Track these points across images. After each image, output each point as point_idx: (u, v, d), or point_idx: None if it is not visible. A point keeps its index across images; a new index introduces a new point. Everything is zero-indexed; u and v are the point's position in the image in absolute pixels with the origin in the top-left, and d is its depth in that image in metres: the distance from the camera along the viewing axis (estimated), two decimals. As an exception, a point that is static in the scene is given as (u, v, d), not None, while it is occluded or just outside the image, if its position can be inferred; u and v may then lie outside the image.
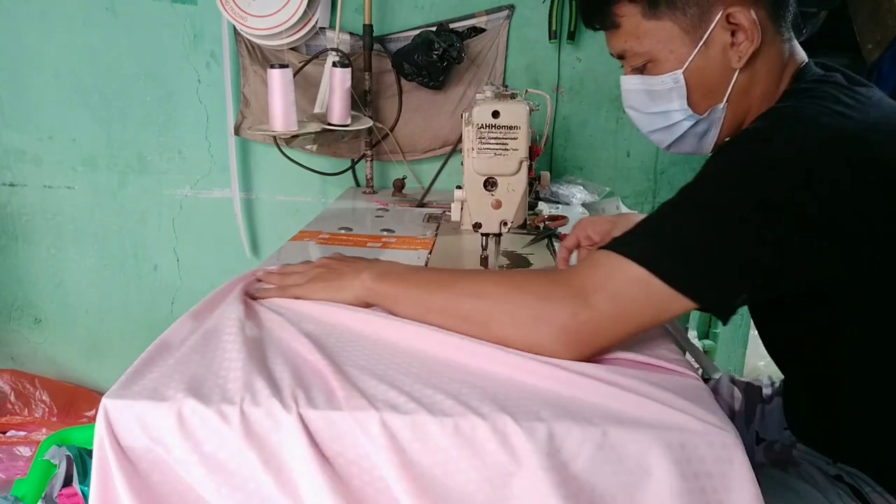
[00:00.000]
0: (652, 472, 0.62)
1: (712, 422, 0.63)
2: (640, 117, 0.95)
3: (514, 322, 0.74)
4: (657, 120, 0.92)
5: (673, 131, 0.92)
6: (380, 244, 1.27)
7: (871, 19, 1.78)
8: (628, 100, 0.95)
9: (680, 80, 0.86)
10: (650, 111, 0.91)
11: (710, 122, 0.89)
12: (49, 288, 2.19)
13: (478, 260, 1.09)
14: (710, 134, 0.91)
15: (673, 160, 2.01)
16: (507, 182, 0.99)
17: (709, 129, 0.90)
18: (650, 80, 0.88)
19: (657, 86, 0.88)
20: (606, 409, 0.66)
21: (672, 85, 0.87)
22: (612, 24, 0.88)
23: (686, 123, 0.90)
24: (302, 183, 2.04)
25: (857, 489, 0.86)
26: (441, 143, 1.97)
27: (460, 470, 0.63)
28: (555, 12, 1.86)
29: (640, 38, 0.86)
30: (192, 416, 0.63)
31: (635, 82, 0.91)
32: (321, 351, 0.74)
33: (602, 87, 1.96)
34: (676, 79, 0.86)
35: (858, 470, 0.87)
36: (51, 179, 2.10)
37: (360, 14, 1.83)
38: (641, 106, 0.92)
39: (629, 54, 0.89)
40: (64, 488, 1.37)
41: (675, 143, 0.94)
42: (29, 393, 2.14)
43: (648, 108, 0.91)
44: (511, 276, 0.83)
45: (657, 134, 0.94)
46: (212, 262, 2.14)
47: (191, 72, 1.99)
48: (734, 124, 0.89)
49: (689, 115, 0.88)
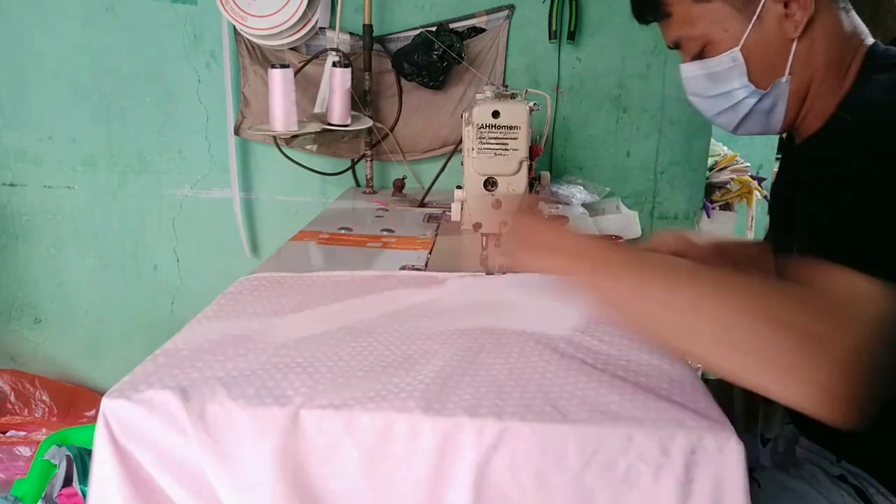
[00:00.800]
0: (646, 471, 0.62)
1: (710, 418, 0.63)
2: (703, 102, 0.94)
3: (768, 376, 0.57)
4: (721, 101, 0.91)
5: (738, 111, 0.91)
6: (380, 244, 1.27)
7: (871, 19, 1.78)
8: (690, 87, 0.94)
9: (738, 58, 0.85)
10: (712, 94, 0.91)
11: (775, 97, 0.88)
12: (49, 288, 2.19)
13: (478, 260, 1.09)
14: (778, 110, 0.90)
15: (673, 160, 2.01)
16: (507, 182, 0.99)
17: (775, 105, 0.89)
18: (708, 63, 0.88)
19: (716, 67, 0.88)
20: (602, 408, 0.66)
21: (731, 64, 0.86)
22: (663, 13, 0.88)
23: (750, 101, 0.89)
24: (302, 183, 2.04)
25: (862, 490, 0.85)
26: (441, 143, 1.96)
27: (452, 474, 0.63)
28: (555, 12, 1.86)
29: (692, 22, 0.86)
30: (193, 417, 0.63)
31: (694, 68, 0.91)
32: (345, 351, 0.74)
33: (602, 87, 1.96)
34: (734, 57, 0.86)
35: (863, 470, 0.87)
36: (51, 179, 2.10)
37: (360, 14, 1.83)
38: (703, 90, 0.92)
39: (685, 41, 0.89)
40: (64, 488, 1.37)
41: (742, 124, 0.93)
42: (29, 393, 2.14)
43: (710, 92, 0.91)
44: (761, 301, 0.60)
45: (723, 116, 0.93)
46: (212, 262, 2.14)
47: (191, 72, 1.99)
48: (799, 97, 0.88)
49: (753, 92, 0.88)
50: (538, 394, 0.68)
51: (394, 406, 0.64)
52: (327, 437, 0.64)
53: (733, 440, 0.61)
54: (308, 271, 1.04)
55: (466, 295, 0.96)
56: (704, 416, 0.64)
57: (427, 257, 1.19)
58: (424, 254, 1.21)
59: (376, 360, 0.74)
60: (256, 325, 0.82)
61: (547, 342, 0.79)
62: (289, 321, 0.84)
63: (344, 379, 0.69)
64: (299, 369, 0.71)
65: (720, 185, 2.15)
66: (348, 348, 0.77)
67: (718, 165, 2.16)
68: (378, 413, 0.63)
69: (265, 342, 0.78)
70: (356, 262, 1.15)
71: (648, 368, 0.74)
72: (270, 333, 0.80)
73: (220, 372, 0.70)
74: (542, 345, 0.79)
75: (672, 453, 0.61)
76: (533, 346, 0.79)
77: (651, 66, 1.93)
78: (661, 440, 0.62)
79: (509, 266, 0.90)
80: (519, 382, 0.70)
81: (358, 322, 0.85)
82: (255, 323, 0.83)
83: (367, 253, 1.21)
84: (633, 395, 0.67)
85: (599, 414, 0.64)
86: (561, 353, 0.77)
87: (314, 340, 0.78)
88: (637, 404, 0.66)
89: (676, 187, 2.04)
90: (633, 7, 0.94)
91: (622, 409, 0.65)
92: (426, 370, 0.72)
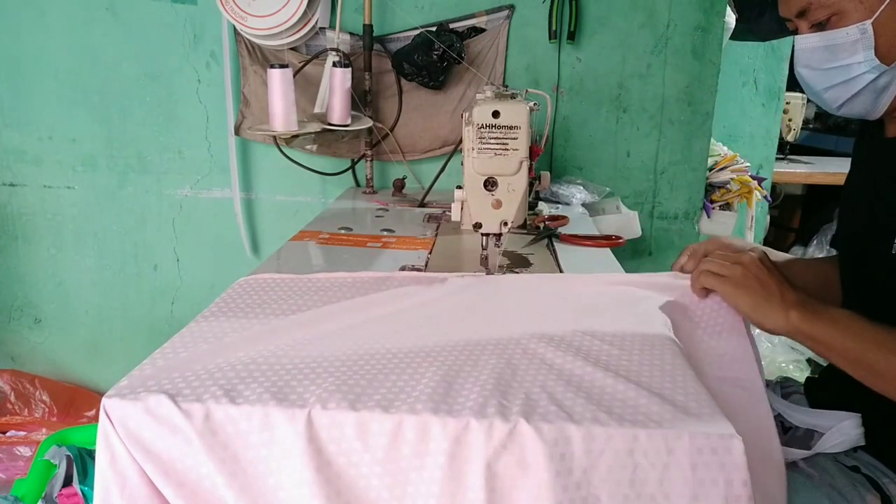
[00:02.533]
0: (652, 472, 0.62)
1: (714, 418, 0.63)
2: (815, 75, 0.92)
3: None
4: (836, 75, 0.90)
5: (851, 86, 0.90)
6: (380, 244, 1.27)
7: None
8: (803, 59, 0.92)
9: (868, 31, 0.84)
10: (829, 66, 0.89)
11: (893, 76, 0.87)
12: (49, 288, 2.19)
13: (478, 260, 1.09)
14: (890, 90, 0.89)
15: (672, 160, 2.01)
16: (507, 182, 0.99)
17: (889, 84, 0.88)
18: (832, 35, 0.87)
19: (840, 39, 0.86)
20: (608, 408, 0.66)
21: (858, 36, 0.85)
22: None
23: (868, 76, 0.88)
24: (302, 183, 2.04)
25: (875, 480, 0.85)
26: (441, 143, 1.96)
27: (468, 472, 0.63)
28: (555, 12, 1.86)
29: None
30: (194, 417, 0.63)
31: (814, 40, 0.89)
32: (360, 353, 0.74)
33: (602, 87, 1.96)
34: (864, 29, 0.85)
35: (878, 460, 0.87)
36: (51, 179, 2.10)
37: (360, 14, 1.83)
38: (818, 62, 0.90)
39: (814, 8, 0.87)
40: (64, 488, 1.36)
41: (849, 101, 0.92)
42: (29, 393, 2.14)
43: (827, 64, 0.89)
44: None
45: (833, 91, 0.92)
46: (212, 262, 2.14)
47: (191, 72, 1.99)
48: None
49: (875, 67, 0.87)
50: (543, 394, 0.68)
51: (402, 408, 0.64)
52: (335, 440, 0.63)
53: (737, 440, 0.61)
54: (308, 271, 1.04)
55: (467, 295, 0.96)
56: (708, 415, 0.64)
57: (427, 257, 1.19)
58: (424, 254, 1.21)
59: (379, 362, 0.74)
60: (257, 327, 0.82)
61: (549, 341, 0.79)
62: (290, 322, 0.84)
63: (353, 381, 0.69)
64: (301, 371, 0.71)
65: (720, 185, 2.14)
66: (349, 350, 0.77)
67: (718, 165, 2.15)
68: (388, 415, 0.63)
69: (265, 343, 0.78)
70: (356, 262, 1.15)
71: (651, 368, 0.74)
72: (271, 334, 0.80)
73: (220, 373, 0.70)
74: (544, 344, 0.79)
75: (678, 453, 0.61)
76: (535, 346, 0.79)
77: (651, 66, 1.93)
78: (667, 440, 0.62)
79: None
80: (523, 383, 0.70)
81: (358, 322, 0.85)
82: (256, 324, 0.83)
83: (367, 253, 1.21)
84: (638, 395, 0.67)
85: (605, 414, 0.64)
86: (563, 352, 0.77)
87: (316, 342, 0.78)
88: (642, 404, 0.66)
89: (676, 187, 2.04)
90: None
91: (627, 410, 0.65)
92: (430, 371, 0.72)
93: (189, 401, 0.64)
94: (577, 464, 0.62)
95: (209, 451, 0.63)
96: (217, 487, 0.63)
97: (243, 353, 0.75)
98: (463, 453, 0.62)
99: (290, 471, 0.63)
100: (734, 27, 2.02)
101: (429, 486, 0.62)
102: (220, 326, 0.82)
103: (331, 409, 0.64)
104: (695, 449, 0.62)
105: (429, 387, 0.68)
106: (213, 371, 0.70)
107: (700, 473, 0.61)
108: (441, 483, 0.62)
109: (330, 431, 0.63)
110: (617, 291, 0.97)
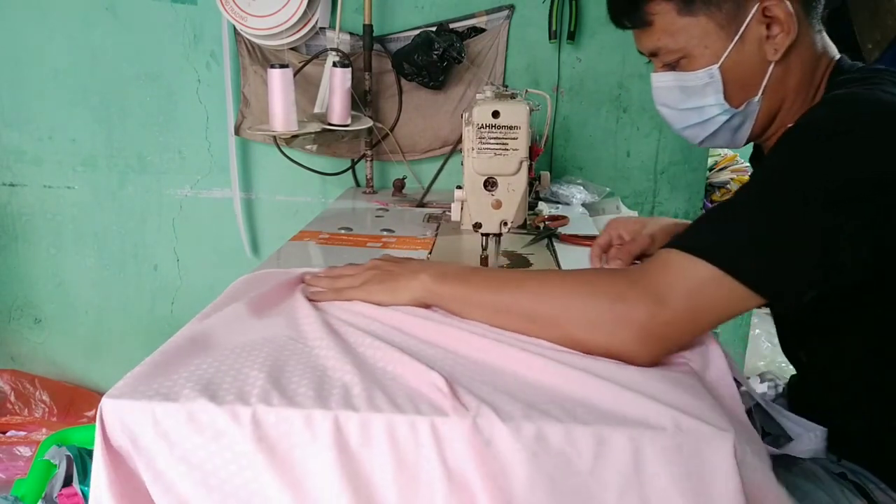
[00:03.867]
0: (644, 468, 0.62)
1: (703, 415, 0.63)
2: (672, 114, 0.94)
3: (589, 324, 0.73)
4: (691, 116, 0.91)
5: (707, 126, 0.91)
6: (380, 244, 1.27)
7: (870, 19, 1.79)
8: (660, 97, 0.94)
9: (716, 76, 0.85)
10: (684, 107, 0.90)
11: (745, 115, 0.89)
12: (49, 288, 2.19)
13: (478, 260, 1.09)
14: (745, 126, 0.90)
15: (673, 160, 2.01)
16: (507, 182, 0.99)
17: (744, 122, 0.90)
18: (684, 77, 0.88)
19: (692, 81, 0.87)
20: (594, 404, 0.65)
21: (707, 80, 0.86)
22: (644, 22, 0.87)
23: (721, 118, 0.89)
24: (302, 183, 2.04)
25: (862, 487, 0.86)
26: (441, 143, 1.97)
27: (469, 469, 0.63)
28: (555, 12, 1.86)
29: (674, 35, 0.86)
30: (195, 417, 0.63)
31: (668, 79, 0.90)
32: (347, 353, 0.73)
33: (602, 87, 1.96)
34: (712, 74, 0.85)
35: (863, 468, 0.87)
36: (51, 179, 2.10)
37: (360, 14, 1.83)
38: (674, 102, 0.91)
39: (662, 52, 0.88)
40: (64, 488, 1.36)
41: (708, 138, 0.93)
42: (29, 393, 2.14)
43: (682, 105, 0.90)
44: (579, 275, 0.80)
45: (691, 130, 0.93)
46: (212, 262, 2.14)
47: (191, 72, 1.99)
48: (769, 116, 0.89)
49: (725, 110, 0.88)
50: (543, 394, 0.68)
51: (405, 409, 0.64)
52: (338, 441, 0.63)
53: (729, 435, 0.61)
54: (308, 271, 1.04)
55: None
56: (698, 413, 0.64)
57: (427, 257, 1.19)
58: (424, 254, 1.21)
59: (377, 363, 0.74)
60: (257, 326, 0.82)
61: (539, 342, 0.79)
62: (290, 321, 0.84)
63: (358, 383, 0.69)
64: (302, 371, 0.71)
65: (720, 185, 2.15)
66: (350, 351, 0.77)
67: (718, 165, 2.16)
68: (394, 416, 0.63)
69: (266, 342, 0.77)
70: (356, 262, 1.14)
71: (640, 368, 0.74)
72: (272, 333, 0.80)
73: (220, 373, 0.69)
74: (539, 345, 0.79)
75: (670, 451, 0.61)
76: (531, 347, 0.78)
77: (651, 66, 1.92)
78: (658, 439, 0.62)
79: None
80: (522, 385, 0.70)
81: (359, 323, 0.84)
82: (256, 323, 0.83)
83: (367, 253, 1.21)
84: (629, 395, 0.67)
85: (599, 414, 0.64)
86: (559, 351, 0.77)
87: (317, 342, 0.78)
88: (634, 404, 0.66)
89: (676, 187, 2.04)
90: (610, 12, 0.92)
91: (618, 408, 0.65)
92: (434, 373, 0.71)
93: (188, 402, 0.64)
94: (573, 464, 0.62)
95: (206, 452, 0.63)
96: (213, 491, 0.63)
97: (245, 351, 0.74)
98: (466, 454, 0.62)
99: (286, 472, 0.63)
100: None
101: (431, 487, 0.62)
102: (220, 326, 0.81)
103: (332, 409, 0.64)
104: (687, 446, 0.61)
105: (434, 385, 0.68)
106: (213, 372, 0.70)
107: (691, 469, 0.61)
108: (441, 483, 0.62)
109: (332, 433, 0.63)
110: None
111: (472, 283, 0.81)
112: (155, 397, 0.64)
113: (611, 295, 0.72)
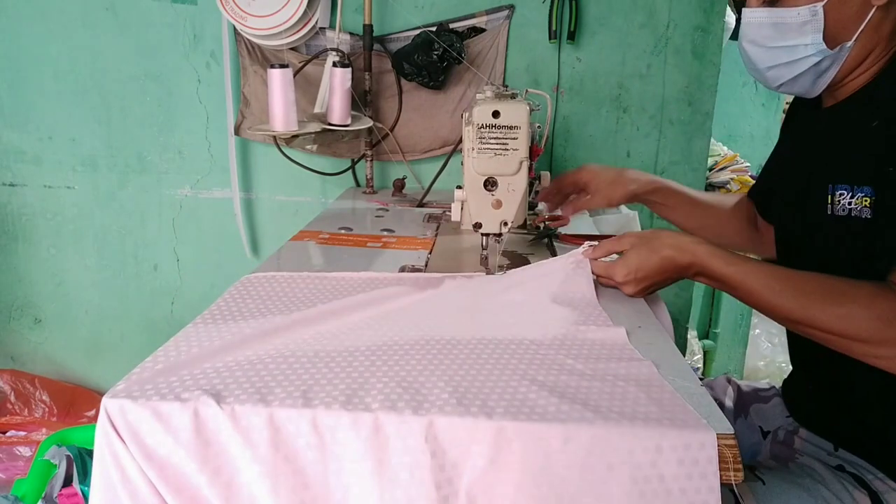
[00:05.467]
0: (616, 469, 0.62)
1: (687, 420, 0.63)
2: (759, 52, 0.90)
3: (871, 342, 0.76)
4: (781, 55, 0.88)
5: (794, 67, 0.88)
6: (380, 244, 1.27)
7: None
8: (749, 34, 0.90)
9: (819, 13, 0.83)
10: (775, 45, 0.88)
11: (834, 59, 0.86)
12: (49, 288, 2.19)
13: (478, 260, 1.09)
14: (830, 72, 0.88)
15: (672, 160, 2.01)
16: (507, 182, 0.99)
17: (830, 67, 0.87)
18: (782, 13, 0.85)
19: (791, 18, 0.85)
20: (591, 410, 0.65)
21: (809, 18, 0.84)
22: None
23: (812, 59, 0.86)
24: (302, 183, 2.04)
25: (860, 477, 0.86)
26: (441, 143, 1.96)
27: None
28: (555, 12, 1.86)
29: None
30: (195, 417, 0.63)
31: (762, 15, 0.87)
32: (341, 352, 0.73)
33: (602, 87, 1.96)
34: (815, 11, 0.83)
35: (860, 457, 0.88)
36: (51, 179, 2.10)
37: (360, 14, 1.83)
38: (765, 40, 0.88)
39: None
40: (64, 488, 1.37)
41: (789, 82, 0.91)
42: (29, 393, 2.14)
43: (773, 42, 0.88)
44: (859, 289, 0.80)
45: (776, 70, 0.91)
46: (212, 262, 2.14)
47: (191, 72, 1.99)
48: (855, 63, 0.86)
49: (819, 51, 0.85)
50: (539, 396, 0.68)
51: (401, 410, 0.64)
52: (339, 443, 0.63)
53: (709, 437, 0.61)
54: (308, 272, 1.04)
55: (466, 295, 0.96)
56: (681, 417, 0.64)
57: (427, 257, 1.19)
58: (424, 254, 1.21)
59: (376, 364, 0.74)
60: (258, 327, 0.82)
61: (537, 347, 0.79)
62: (291, 322, 0.84)
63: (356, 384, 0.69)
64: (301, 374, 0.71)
65: (720, 185, 2.15)
66: (349, 351, 0.77)
67: (718, 165, 2.16)
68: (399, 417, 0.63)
69: (267, 344, 0.77)
70: (356, 262, 1.14)
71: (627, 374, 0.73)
72: (273, 335, 0.80)
73: (219, 375, 0.70)
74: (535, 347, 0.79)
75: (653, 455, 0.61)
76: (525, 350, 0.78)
77: (651, 66, 1.93)
78: (643, 440, 0.62)
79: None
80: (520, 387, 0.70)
81: (359, 323, 0.84)
82: (257, 325, 0.83)
83: (367, 253, 1.21)
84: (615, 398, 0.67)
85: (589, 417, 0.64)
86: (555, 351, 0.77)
87: (317, 342, 0.78)
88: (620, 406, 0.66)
89: (676, 187, 2.04)
90: None
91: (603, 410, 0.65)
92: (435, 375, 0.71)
93: (189, 402, 0.64)
94: (558, 468, 0.62)
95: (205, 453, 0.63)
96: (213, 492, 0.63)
97: (245, 353, 0.74)
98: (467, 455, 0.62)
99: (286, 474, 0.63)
100: (734, 27, 2.02)
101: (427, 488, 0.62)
102: (220, 327, 0.81)
103: (334, 409, 0.64)
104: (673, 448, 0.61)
105: (436, 386, 0.68)
106: (213, 372, 0.70)
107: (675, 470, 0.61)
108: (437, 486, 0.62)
109: (335, 433, 0.63)
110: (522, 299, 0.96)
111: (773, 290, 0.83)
112: (155, 397, 0.64)
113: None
